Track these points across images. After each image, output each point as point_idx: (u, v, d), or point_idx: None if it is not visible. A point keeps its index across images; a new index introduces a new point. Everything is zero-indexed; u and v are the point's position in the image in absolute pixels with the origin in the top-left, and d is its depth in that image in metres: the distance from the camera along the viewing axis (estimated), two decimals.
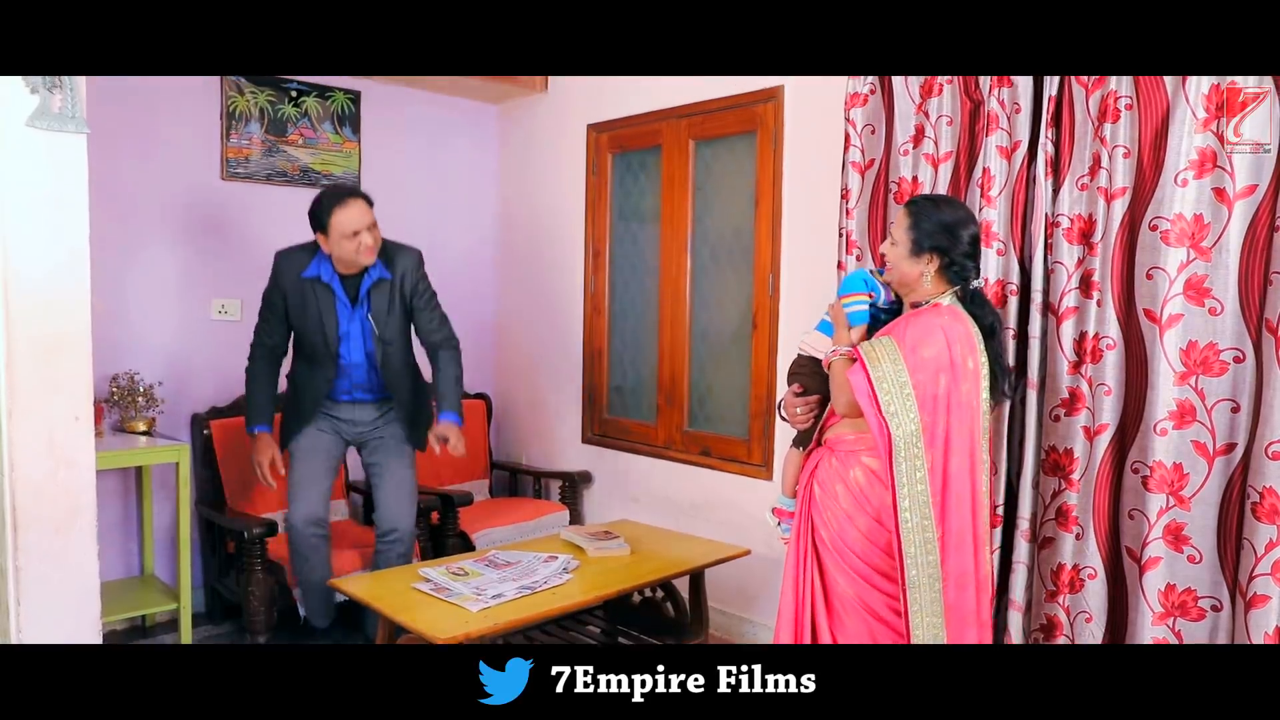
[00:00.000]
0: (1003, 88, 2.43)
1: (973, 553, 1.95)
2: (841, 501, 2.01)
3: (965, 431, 1.93)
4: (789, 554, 2.12)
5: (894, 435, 1.87)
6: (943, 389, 1.89)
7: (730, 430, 3.53)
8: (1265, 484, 2.04)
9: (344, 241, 2.78)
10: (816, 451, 2.14)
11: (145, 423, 3.32)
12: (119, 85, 3.31)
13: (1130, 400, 2.29)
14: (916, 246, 1.99)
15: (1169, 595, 2.23)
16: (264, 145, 3.71)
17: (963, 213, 2.04)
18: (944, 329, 1.92)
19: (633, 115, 3.77)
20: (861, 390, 1.89)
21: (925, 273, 2.00)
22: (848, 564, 2.01)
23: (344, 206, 2.78)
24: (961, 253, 1.99)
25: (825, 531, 2.03)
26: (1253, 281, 2.10)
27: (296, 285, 2.91)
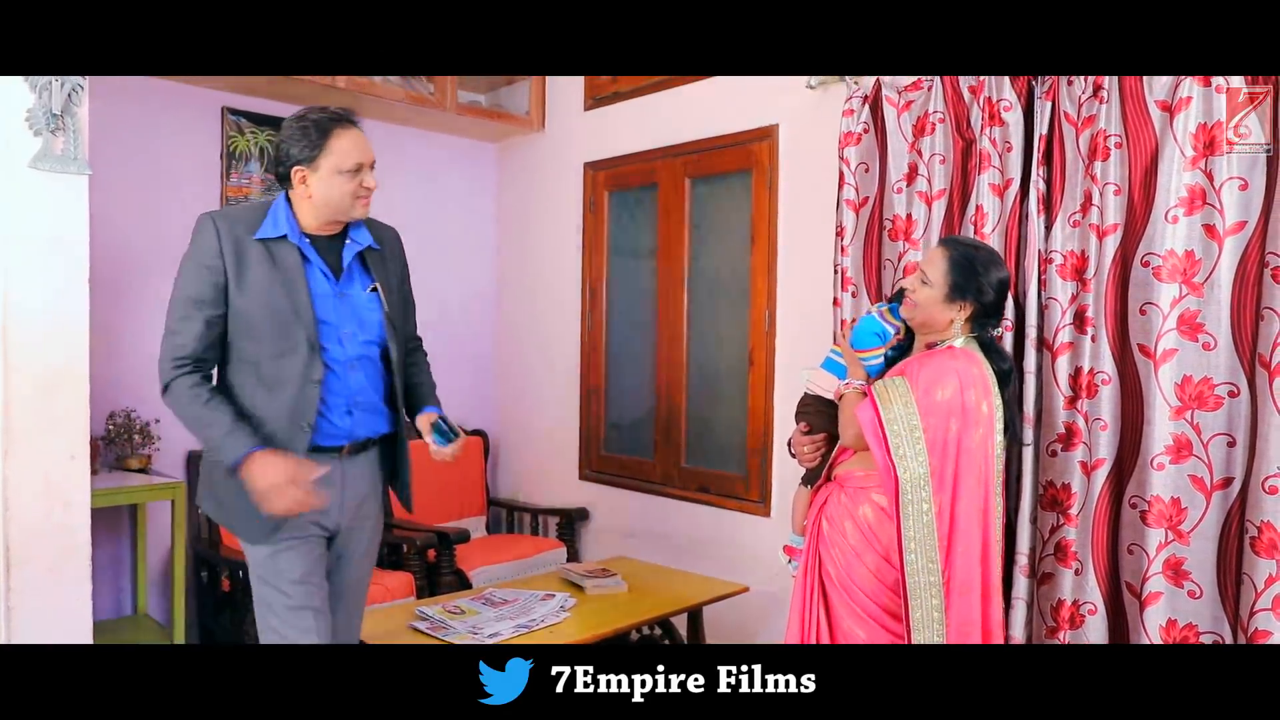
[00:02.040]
0: (994, 126, 2.47)
1: (980, 602, 1.92)
2: (850, 538, 2.00)
3: (976, 477, 1.90)
4: (796, 590, 2.10)
5: (901, 478, 1.85)
6: (953, 433, 1.87)
7: (728, 466, 3.52)
8: (1263, 518, 2.04)
9: (338, 180, 1.93)
10: (825, 487, 2.12)
11: (141, 460, 3.31)
12: (121, 124, 3.35)
13: (1127, 435, 2.29)
14: (956, 292, 1.96)
15: (1170, 631, 2.21)
16: (264, 184, 3.74)
17: (1000, 263, 2.02)
18: (958, 372, 1.90)
19: (629, 154, 3.82)
20: (871, 429, 1.88)
21: (956, 319, 1.98)
22: (855, 602, 1.99)
23: (345, 130, 1.95)
24: (993, 304, 1.99)
25: (833, 568, 2.02)
26: (1244, 317, 2.12)
27: (243, 253, 1.92)
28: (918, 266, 2.05)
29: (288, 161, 1.95)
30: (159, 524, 3.42)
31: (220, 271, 1.91)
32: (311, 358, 1.94)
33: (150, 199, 3.47)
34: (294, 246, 1.96)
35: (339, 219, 2.00)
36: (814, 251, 3.09)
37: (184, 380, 1.91)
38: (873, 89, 2.77)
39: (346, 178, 1.94)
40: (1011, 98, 2.45)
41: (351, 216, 2.00)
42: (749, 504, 3.40)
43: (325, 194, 1.95)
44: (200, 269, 1.91)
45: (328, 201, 1.96)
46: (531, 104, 4.20)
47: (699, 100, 3.51)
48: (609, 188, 3.96)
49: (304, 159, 1.94)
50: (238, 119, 3.66)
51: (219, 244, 1.91)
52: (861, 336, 2.08)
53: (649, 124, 3.71)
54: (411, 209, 4.22)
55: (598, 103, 3.96)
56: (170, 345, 1.93)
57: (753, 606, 3.22)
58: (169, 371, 1.92)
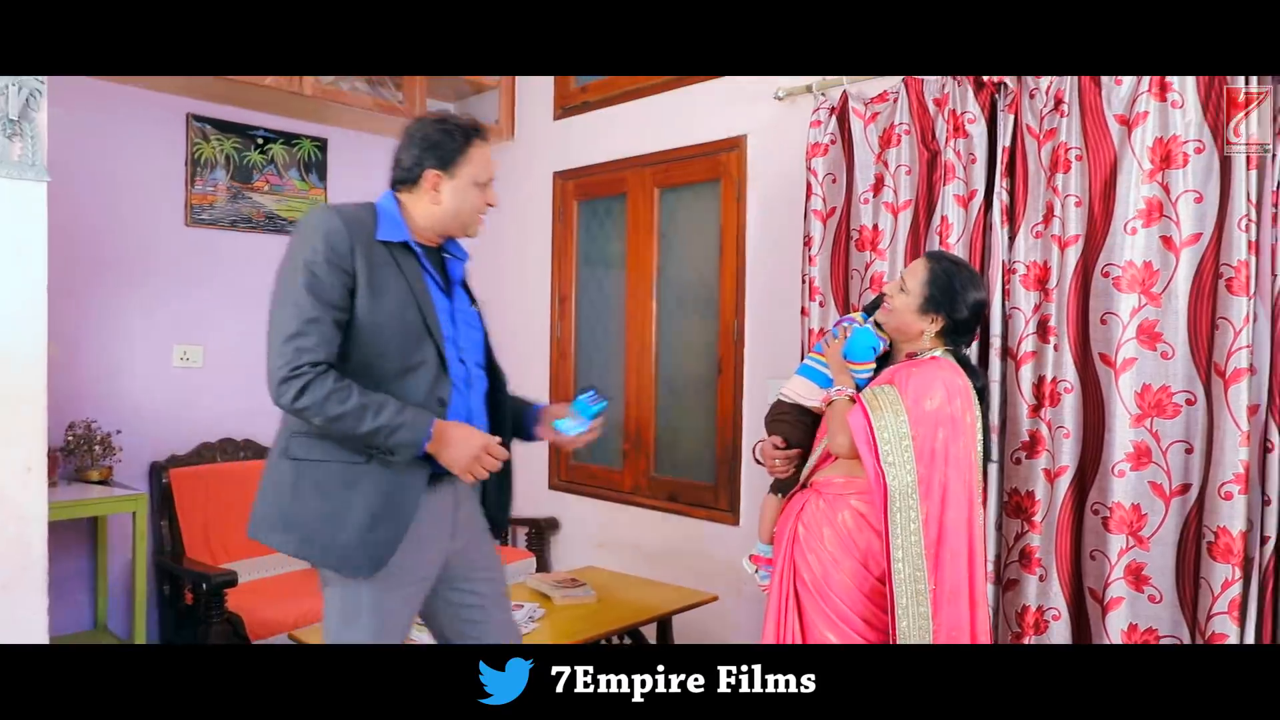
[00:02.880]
0: (958, 138, 2.50)
1: (968, 608, 1.93)
2: (828, 544, 2.00)
3: (962, 485, 1.92)
4: (769, 599, 2.09)
5: (890, 485, 1.86)
6: (940, 442, 1.89)
7: (697, 475, 3.53)
8: (1219, 523, 2.08)
9: (472, 192, 1.83)
10: (801, 494, 2.12)
11: (101, 472, 3.25)
12: (82, 130, 3.30)
13: (1088, 442, 2.33)
14: (930, 305, 1.98)
15: (1131, 635, 2.25)
16: (229, 191, 3.70)
17: (980, 286, 2.04)
18: (945, 383, 1.92)
19: (598, 163, 3.82)
20: (862, 437, 1.89)
21: (927, 330, 2.01)
22: (830, 608, 1.99)
23: (482, 143, 1.85)
24: (965, 323, 2.01)
25: (808, 574, 2.01)
26: (1200, 326, 2.17)
27: (371, 256, 1.73)
28: (901, 275, 2.07)
29: (421, 164, 1.81)
30: (120, 536, 3.37)
31: (352, 275, 1.71)
32: (440, 375, 1.80)
33: (112, 206, 3.42)
34: (413, 254, 1.82)
35: (457, 232, 1.89)
36: (782, 261, 3.11)
37: (325, 378, 1.65)
38: (839, 100, 2.80)
39: (479, 191, 1.85)
40: (975, 110, 2.49)
41: (469, 232, 1.90)
42: (718, 513, 3.41)
43: (457, 204, 1.83)
44: (333, 269, 1.69)
45: (457, 212, 1.84)
46: (501, 113, 4.20)
47: (668, 110, 3.53)
48: (578, 197, 3.97)
49: (443, 162, 1.81)
50: (202, 125, 3.62)
51: (350, 243, 1.71)
52: (859, 349, 2.07)
53: (618, 134, 3.72)
54: None
55: (567, 112, 3.96)
56: (295, 347, 1.66)
57: (722, 615, 3.23)
58: (306, 374, 1.65)
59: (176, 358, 3.59)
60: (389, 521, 1.72)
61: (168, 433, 3.55)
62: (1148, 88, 2.21)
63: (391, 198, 1.85)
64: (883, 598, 1.94)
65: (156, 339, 3.54)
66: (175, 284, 3.58)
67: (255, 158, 3.77)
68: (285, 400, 1.65)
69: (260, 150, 3.78)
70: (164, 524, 3.42)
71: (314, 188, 3.95)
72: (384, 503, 1.72)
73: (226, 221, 3.70)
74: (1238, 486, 2.06)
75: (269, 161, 3.81)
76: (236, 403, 3.74)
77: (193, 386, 3.63)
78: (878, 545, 1.94)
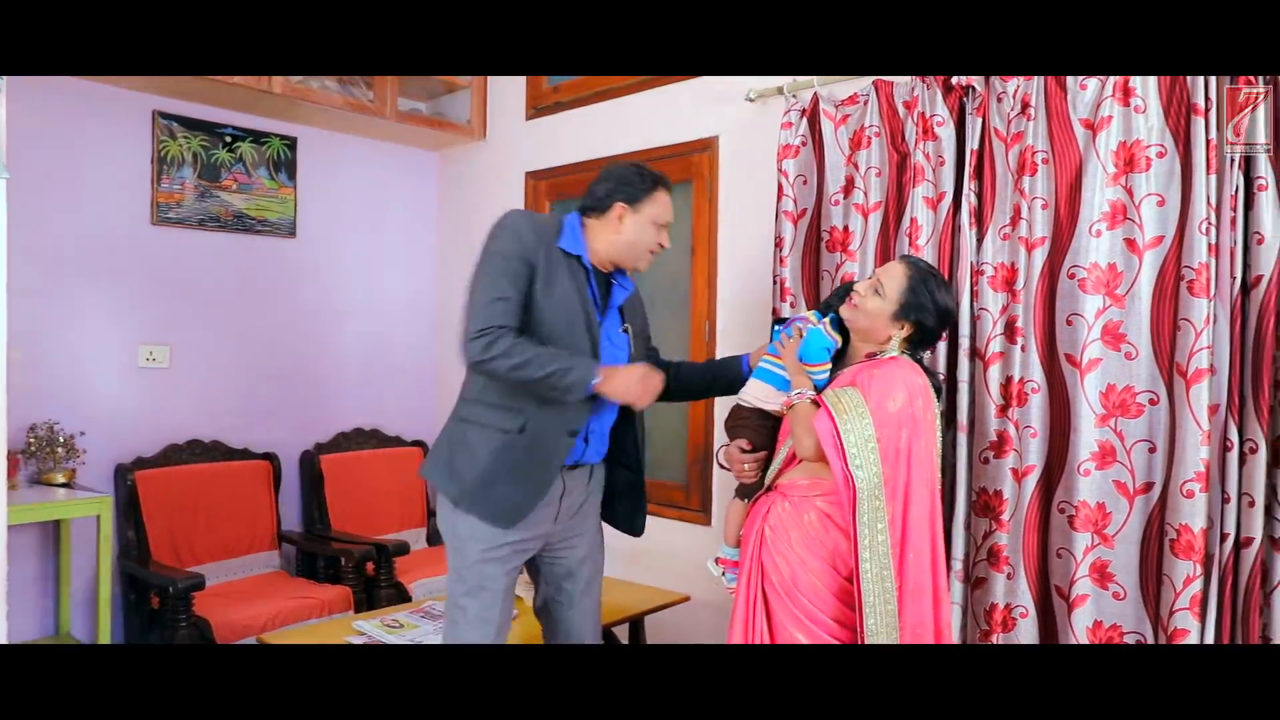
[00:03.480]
0: (927, 140, 2.53)
1: (932, 604, 1.95)
2: (795, 545, 2.01)
3: (924, 484, 1.94)
4: (737, 601, 2.10)
5: (859, 487, 1.87)
6: (904, 443, 1.90)
7: (668, 476, 3.53)
8: (1181, 521, 2.11)
9: (650, 229, 2.11)
10: (767, 496, 2.12)
11: (65, 474, 3.20)
12: (44, 127, 3.25)
13: (1055, 442, 2.36)
14: (905, 310, 1.99)
15: (1096, 631, 2.28)
16: (197, 190, 3.66)
17: (950, 294, 2.06)
18: (906, 383, 1.94)
19: (570, 163, 3.82)
20: (829, 441, 1.89)
21: (896, 335, 2.02)
22: (798, 608, 2.00)
23: (667, 192, 2.15)
24: (932, 332, 2.03)
25: (775, 576, 2.02)
26: (1163, 327, 2.20)
27: (551, 256, 2.05)
28: (874, 275, 2.06)
29: (613, 197, 2.09)
30: (84, 540, 3.31)
31: (534, 268, 2.01)
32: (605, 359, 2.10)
33: (76, 204, 3.37)
34: (584, 269, 2.10)
35: (627, 263, 2.15)
36: (753, 262, 3.12)
37: (508, 335, 1.95)
38: (810, 102, 2.82)
39: (655, 230, 2.12)
40: (944, 113, 2.51)
41: (637, 266, 2.17)
42: (690, 513, 3.42)
43: (634, 236, 2.10)
44: (520, 261, 2.00)
45: (632, 244, 2.11)
46: (473, 112, 4.18)
47: (640, 111, 3.53)
48: (550, 197, 3.96)
49: (630, 198, 2.09)
50: (169, 123, 3.57)
51: (536, 243, 2.02)
52: (813, 351, 2.07)
53: (591, 134, 3.72)
54: (352, 217, 4.17)
55: (539, 112, 3.96)
56: (488, 314, 1.97)
57: (694, 615, 3.23)
58: (494, 332, 1.95)
59: (142, 358, 3.54)
60: (530, 485, 2.05)
61: (134, 434, 3.50)
62: (1111, 92, 2.25)
63: (578, 219, 2.13)
64: (850, 596, 1.95)
65: (122, 339, 3.49)
66: (141, 283, 3.53)
67: (223, 156, 3.73)
68: (476, 352, 1.93)
69: (228, 148, 3.74)
70: (129, 527, 3.37)
71: (283, 187, 3.91)
72: (525, 468, 2.04)
73: (194, 220, 3.65)
74: (1199, 484, 2.09)
75: (237, 160, 3.77)
76: (205, 404, 3.70)
77: (159, 387, 3.58)
78: (844, 545, 1.95)
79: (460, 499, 2.07)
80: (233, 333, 3.78)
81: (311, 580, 3.61)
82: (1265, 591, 2.07)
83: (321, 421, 4.07)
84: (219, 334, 3.75)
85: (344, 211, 4.14)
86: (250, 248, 3.83)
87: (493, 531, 2.07)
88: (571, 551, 2.25)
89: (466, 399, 2.14)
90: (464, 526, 2.09)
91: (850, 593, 1.96)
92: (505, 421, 2.05)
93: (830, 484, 1.97)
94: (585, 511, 2.26)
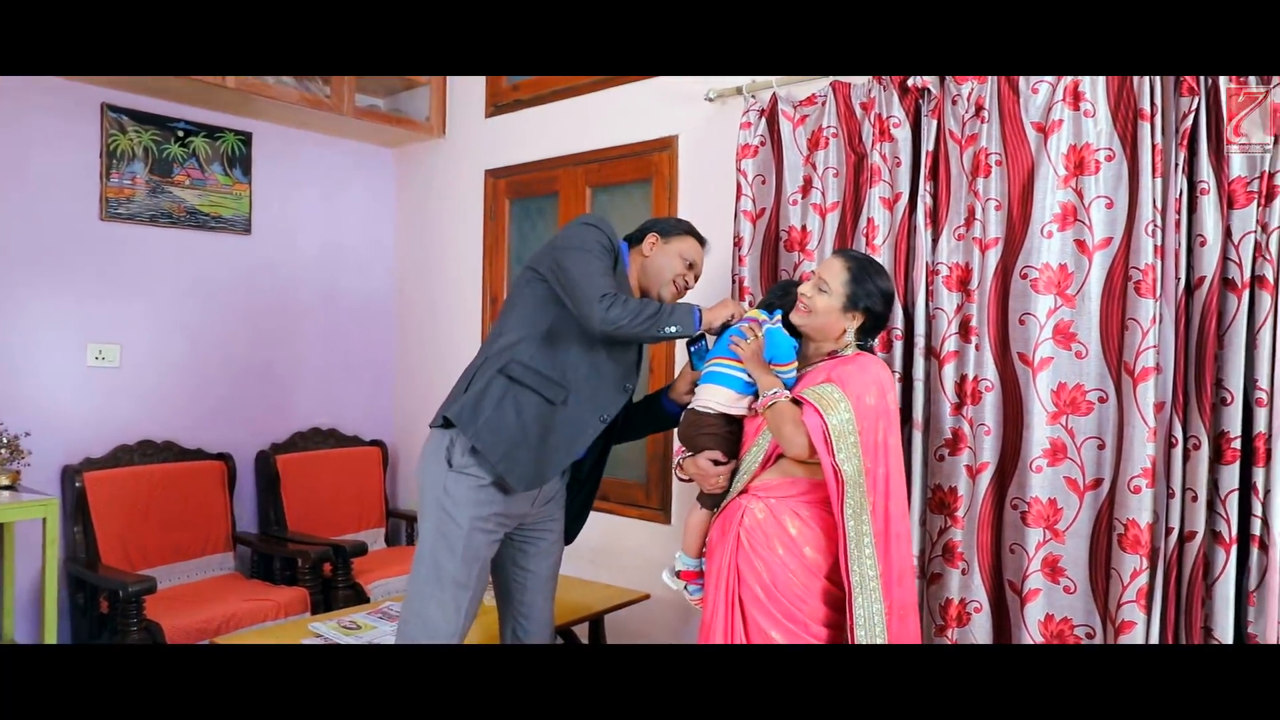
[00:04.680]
0: (884, 142, 2.56)
1: (912, 585, 2.04)
2: (777, 549, 2.01)
3: (900, 476, 2.02)
4: (713, 610, 2.07)
5: (846, 480, 1.91)
6: (881, 436, 1.96)
7: (628, 474, 3.54)
8: (1129, 516, 2.16)
9: (675, 260, 2.32)
10: (738, 501, 2.09)
11: (9, 476, 3.11)
12: None
13: (1008, 439, 2.40)
14: (852, 302, 2.03)
15: (1048, 625, 2.32)
16: (148, 185, 3.58)
17: (887, 276, 2.10)
18: (876, 379, 1.99)
19: (530, 161, 3.80)
20: (819, 435, 1.92)
21: (849, 328, 2.05)
22: (781, 612, 1.99)
23: (701, 244, 2.38)
24: (881, 316, 2.07)
25: (755, 579, 2.01)
26: (1111, 327, 2.25)
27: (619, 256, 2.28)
28: (815, 275, 2.08)
29: (650, 228, 2.36)
30: (29, 544, 3.23)
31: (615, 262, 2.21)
32: (633, 369, 2.34)
33: (20, 199, 3.28)
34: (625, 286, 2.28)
35: (652, 289, 2.33)
36: (712, 261, 3.11)
37: (620, 297, 2.09)
38: (769, 103, 2.84)
39: (680, 264, 2.32)
40: (900, 114, 2.54)
41: (659, 295, 2.33)
42: (649, 511, 3.42)
43: (659, 263, 2.32)
44: (606, 251, 2.18)
45: (656, 270, 2.32)
46: (431, 109, 4.15)
47: (600, 110, 3.53)
48: (510, 195, 3.94)
49: (663, 232, 2.35)
50: (118, 116, 3.50)
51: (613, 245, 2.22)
52: (783, 350, 2.07)
53: (550, 132, 3.71)
54: (308, 215, 4.12)
55: (499, 110, 3.94)
56: (605, 284, 2.10)
57: (654, 614, 3.24)
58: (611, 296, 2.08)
59: (91, 357, 3.46)
60: (555, 457, 2.19)
61: (82, 435, 3.42)
62: (1062, 96, 2.29)
63: (626, 247, 2.35)
64: (830, 597, 1.99)
65: (69, 337, 3.41)
66: (90, 280, 3.45)
67: (176, 151, 3.66)
68: (600, 310, 2.05)
69: (181, 143, 3.67)
70: (77, 529, 3.30)
71: (238, 183, 3.84)
72: (557, 438, 2.18)
73: (145, 217, 3.58)
74: (1145, 480, 2.14)
75: (190, 155, 3.70)
76: (157, 404, 3.63)
77: (109, 387, 3.51)
78: (824, 544, 1.98)
79: (484, 450, 2.11)
80: (186, 331, 3.71)
81: (267, 582, 3.56)
82: (1207, 584, 2.13)
83: (278, 421, 4.01)
84: (172, 332, 3.67)
85: (300, 209, 4.09)
86: (204, 245, 3.76)
87: (489, 497, 2.14)
88: (540, 539, 2.36)
89: (518, 361, 2.18)
90: (458, 489, 2.13)
91: (830, 593, 1.99)
92: (550, 392, 2.17)
93: (806, 483, 2.00)
94: (556, 502, 2.38)
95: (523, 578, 2.37)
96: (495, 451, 2.12)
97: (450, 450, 2.15)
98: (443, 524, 2.14)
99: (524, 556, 2.36)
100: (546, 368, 2.18)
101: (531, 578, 2.37)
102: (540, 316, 2.20)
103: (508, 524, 2.24)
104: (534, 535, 2.35)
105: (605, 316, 2.05)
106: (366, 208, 4.35)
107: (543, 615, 2.41)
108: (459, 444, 2.15)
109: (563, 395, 2.18)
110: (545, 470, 2.19)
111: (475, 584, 2.17)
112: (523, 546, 2.35)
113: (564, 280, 2.14)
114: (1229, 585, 2.08)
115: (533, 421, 2.15)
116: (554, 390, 2.18)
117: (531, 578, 2.37)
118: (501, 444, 2.12)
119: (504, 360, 2.19)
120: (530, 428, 2.15)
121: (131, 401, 3.56)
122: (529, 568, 2.37)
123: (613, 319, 2.05)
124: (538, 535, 2.36)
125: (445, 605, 2.13)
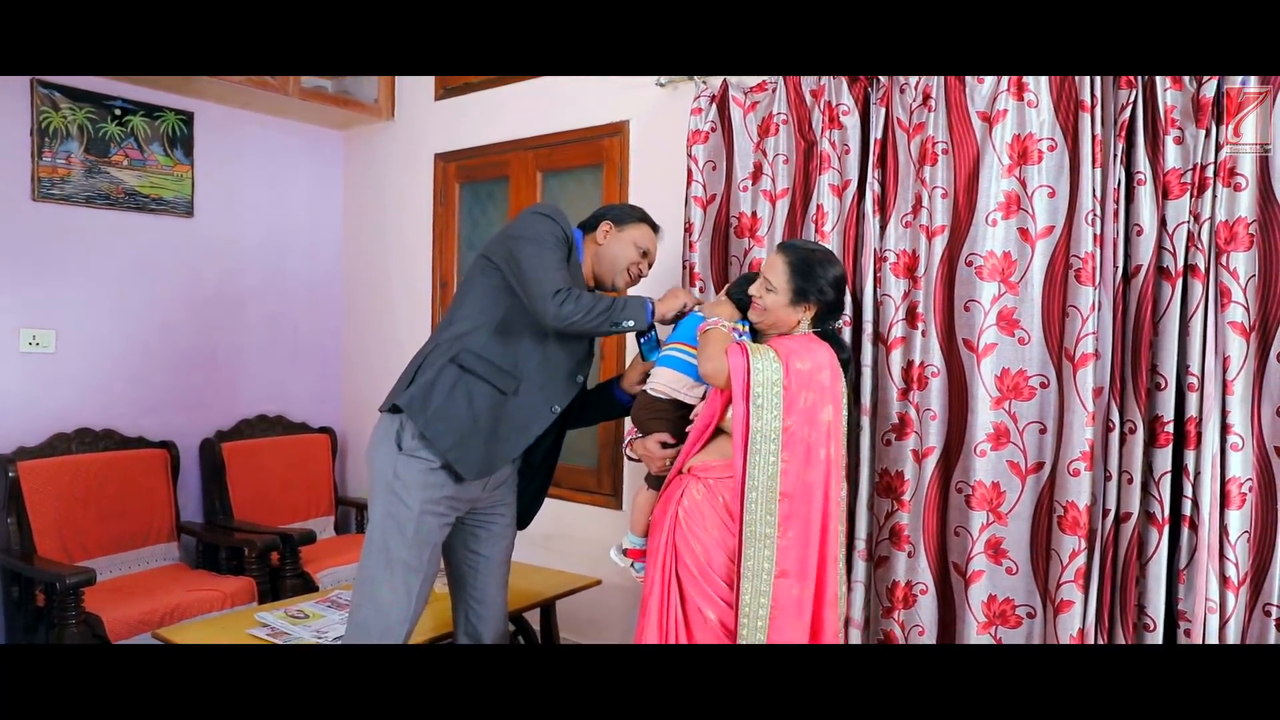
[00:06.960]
0: (833, 129, 2.57)
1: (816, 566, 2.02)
2: (710, 527, 2.05)
3: (824, 450, 2.02)
4: (651, 584, 2.11)
5: (753, 427, 1.94)
6: (808, 402, 1.98)
7: (579, 460, 3.53)
8: (1068, 499, 2.22)
9: (629, 249, 2.32)
10: (678, 480, 2.14)
11: None
12: None
13: (953, 424, 2.45)
14: (799, 295, 2.06)
15: (991, 605, 2.38)
16: (84, 165, 3.47)
17: (836, 261, 2.13)
18: (813, 353, 2.03)
19: (480, 145, 3.76)
20: (739, 375, 1.95)
21: (803, 319, 2.10)
22: (712, 588, 2.04)
23: (656, 231, 2.39)
24: (834, 303, 2.11)
25: (690, 557, 2.05)
26: (1053, 314, 2.30)
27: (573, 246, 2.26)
28: (760, 275, 2.13)
29: (602, 216, 2.36)
30: None
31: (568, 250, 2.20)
32: (585, 360, 2.32)
33: None
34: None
35: (605, 277, 2.34)
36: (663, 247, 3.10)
37: (573, 292, 2.08)
38: (720, 89, 2.84)
39: (634, 252, 2.33)
40: (849, 103, 2.56)
41: (614, 283, 2.35)
42: (600, 497, 3.43)
43: (613, 252, 2.32)
44: (560, 243, 2.17)
45: (610, 259, 2.32)
46: (380, 92, 4.08)
47: (551, 94, 3.50)
48: (460, 179, 3.90)
49: (617, 219, 2.35)
50: (50, 93, 3.38)
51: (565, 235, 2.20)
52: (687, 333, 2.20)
53: (501, 116, 3.67)
54: (253, 197, 4.02)
55: (449, 93, 3.88)
56: (558, 277, 2.10)
57: (606, 599, 3.25)
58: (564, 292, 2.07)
59: (24, 342, 3.35)
60: (504, 447, 2.20)
61: (15, 423, 3.31)
62: (1007, 87, 2.32)
63: (580, 234, 2.33)
64: None
65: (1, 322, 3.30)
66: (21, 263, 3.34)
67: (113, 130, 3.55)
68: (554, 306, 2.05)
69: (118, 122, 3.56)
70: (11, 521, 3.20)
71: (179, 164, 3.74)
72: (508, 427, 2.19)
73: (81, 198, 3.47)
74: (1084, 464, 2.20)
75: (128, 134, 3.59)
76: (95, 391, 3.53)
77: (44, 373, 3.40)
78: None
79: (434, 439, 2.11)
80: (126, 316, 3.61)
81: (213, 573, 3.49)
82: (1141, 563, 2.19)
83: (223, 408, 3.93)
84: (111, 317, 3.57)
85: (245, 191, 3.99)
86: (144, 227, 3.66)
87: (439, 481, 2.13)
88: (492, 523, 2.37)
89: (470, 350, 2.17)
90: (408, 473, 2.12)
91: None
92: (502, 381, 2.17)
93: None
94: (508, 486, 2.39)
95: (475, 562, 2.38)
96: (445, 440, 2.11)
97: (400, 434, 2.14)
98: (393, 507, 2.12)
99: (476, 541, 2.36)
100: (498, 357, 2.18)
101: (484, 562, 2.38)
102: (493, 306, 2.18)
103: (459, 508, 2.23)
104: (486, 520, 2.35)
105: (559, 313, 2.05)
106: (313, 191, 4.27)
107: (496, 601, 2.42)
108: (409, 428, 2.14)
109: (514, 385, 2.19)
110: (496, 459, 2.19)
111: (426, 567, 2.16)
112: (475, 531, 2.35)
113: (517, 273, 2.13)
114: (1161, 564, 2.15)
115: (484, 411, 2.15)
116: (506, 380, 2.18)
117: (484, 562, 2.38)
118: (452, 433, 2.12)
119: (455, 349, 2.17)
120: (481, 417, 2.15)
121: (68, 389, 3.46)
122: (481, 552, 2.37)
123: (566, 315, 2.05)
124: (490, 519, 2.36)
125: (396, 589, 2.12)
